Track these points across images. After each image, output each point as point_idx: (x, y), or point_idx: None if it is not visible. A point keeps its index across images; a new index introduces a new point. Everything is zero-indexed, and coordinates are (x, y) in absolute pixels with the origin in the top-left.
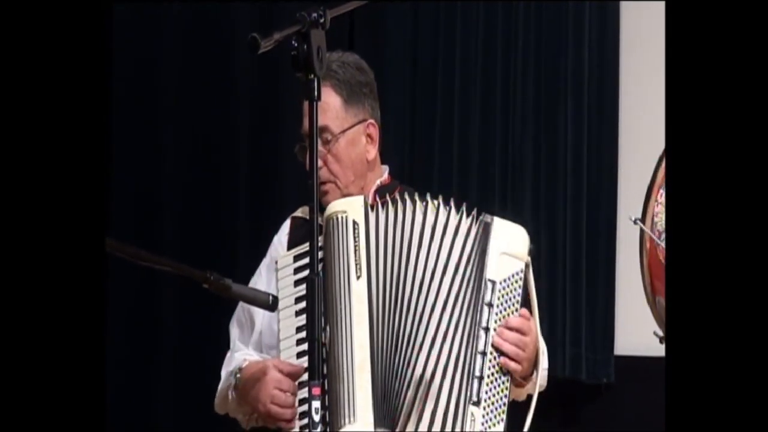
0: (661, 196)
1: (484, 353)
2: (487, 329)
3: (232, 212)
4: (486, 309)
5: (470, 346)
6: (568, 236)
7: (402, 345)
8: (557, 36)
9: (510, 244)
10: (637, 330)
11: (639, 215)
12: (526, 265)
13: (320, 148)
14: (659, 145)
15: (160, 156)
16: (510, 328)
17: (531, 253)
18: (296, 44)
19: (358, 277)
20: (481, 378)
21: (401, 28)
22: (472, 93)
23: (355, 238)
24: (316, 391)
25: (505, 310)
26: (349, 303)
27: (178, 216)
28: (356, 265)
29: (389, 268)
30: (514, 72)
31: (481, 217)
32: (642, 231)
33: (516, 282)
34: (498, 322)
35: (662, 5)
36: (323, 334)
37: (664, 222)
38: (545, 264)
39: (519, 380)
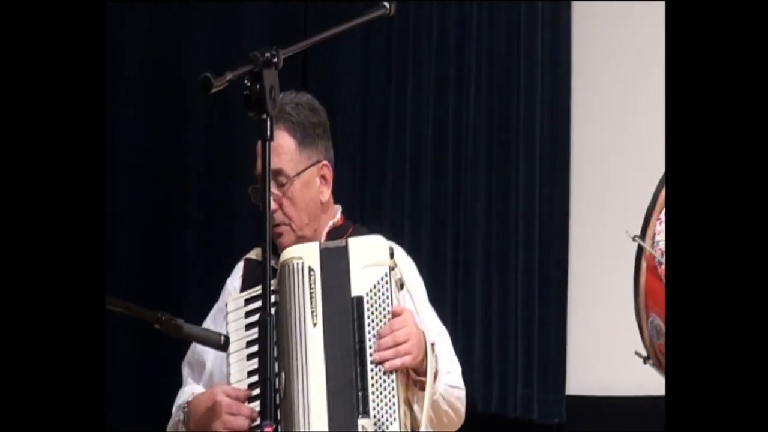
0: (664, 215)
1: (363, 369)
2: (362, 344)
3: (183, 252)
4: (356, 323)
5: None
6: (520, 279)
7: (357, 391)
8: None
9: (369, 256)
10: (589, 370)
11: (603, 258)
12: (390, 268)
13: (275, 190)
14: (612, 174)
15: (110, 195)
16: (383, 335)
17: (392, 252)
18: (249, 84)
19: (314, 325)
20: (365, 389)
21: (353, 69)
22: (424, 133)
23: (311, 285)
24: (269, 430)
25: (380, 313)
26: (305, 350)
27: (128, 255)
28: (312, 312)
29: (344, 314)
30: (466, 115)
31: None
32: (639, 249)
33: (383, 286)
34: (375, 328)
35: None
36: (278, 380)
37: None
38: (497, 306)
39: (416, 376)
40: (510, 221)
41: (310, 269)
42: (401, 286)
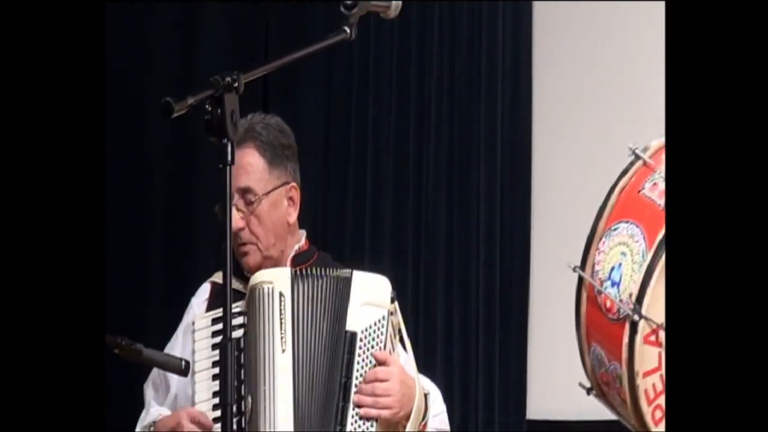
0: (603, 244)
1: (345, 404)
2: (348, 379)
3: (145, 275)
4: (347, 357)
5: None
6: (481, 302)
7: (325, 417)
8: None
9: (371, 294)
10: (549, 394)
11: (555, 284)
12: (389, 312)
13: (242, 208)
14: (575, 186)
15: None
16: (367, 381)
17: (394, 299)
18: (210, 108)
19: (283, 351)
20: (343, 425)
21: (314, 93)
22: (385, 163)
23: (281, 310)
24: None
25: (369, 357)
26: (273, 376)
27: None
28: (281, 338)
29: (313, 341)
30: (427, 134)
31: (339, 273)
32: (580, 280)
33: (379, 329)
34: (364, 368)
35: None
36: (244, 404)
37: (605, 271)
38: (459, 329)
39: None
40: (472, 243)
41: (281, 294)
42: (398, 333)
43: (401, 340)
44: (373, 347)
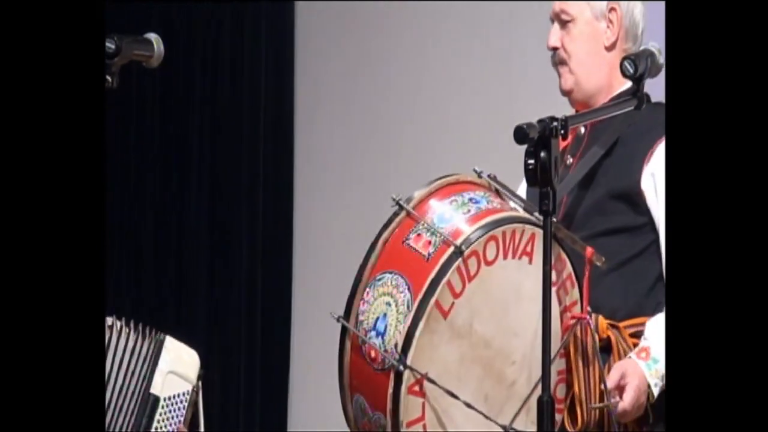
0: (368, 294)
1: None
2: None
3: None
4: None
5: None
6: (243, 350)
7: None
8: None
9: (180, 365)
10: None
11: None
12: (194, 389)
13: None
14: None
15: None
16: None
17: (200, 377)
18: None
19: None
20: None
21: None
22: (149, 212)
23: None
24: None
25: (166, 427)
26: None
27: None
28: None
29: (121, 396)
30: (187, 188)
31: (155, 335)
32: (343, 329)
33: (181, 402)
34: None
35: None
36: None
37: (370, 321)
38: (219, 376)
39: None
40: (233, 289)
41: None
42: (194, 413)
43: (195, 421)
44: (172, 418)
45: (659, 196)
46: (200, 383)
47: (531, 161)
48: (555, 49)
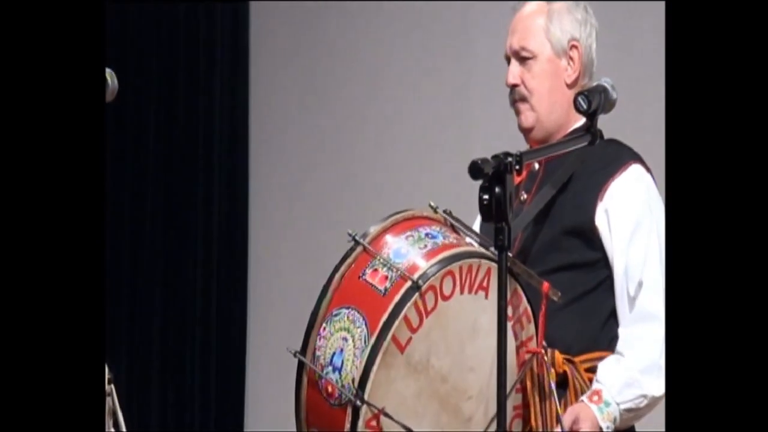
0: (324, 330)
1: None
2: None
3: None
4: None
5: None
6: (197, 388)
7: None
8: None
9: None
10: None
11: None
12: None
13: None
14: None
15: None
16: None
17: (111, 382)
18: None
19: None
20: None
21: None
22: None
23: None
24: None
25: None
26: None
27: None
28: None
29: None
30: (140, 223)
31: None
32: (300, 365)
33: None
34: None
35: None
36: None
37: (327, 356)
38: (173, 413)
39: None
40: (187, 324)
41: None
42: (115, 420)
43: (117, 424)
44: None
45: (612, 232)
46: (113, 387)
47: (486, 196)
48: (515, 86)
